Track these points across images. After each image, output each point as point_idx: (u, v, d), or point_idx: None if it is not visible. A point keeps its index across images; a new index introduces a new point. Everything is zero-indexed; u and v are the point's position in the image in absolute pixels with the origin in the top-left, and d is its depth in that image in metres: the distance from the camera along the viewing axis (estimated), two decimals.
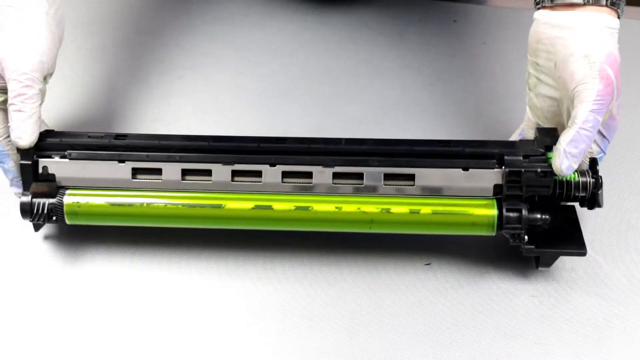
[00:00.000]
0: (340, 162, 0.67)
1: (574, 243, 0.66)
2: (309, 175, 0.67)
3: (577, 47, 0.62)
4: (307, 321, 0.66)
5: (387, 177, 0.67)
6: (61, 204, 0.68)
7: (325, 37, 0.98)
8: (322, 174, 0.67)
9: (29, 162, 0.68)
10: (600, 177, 0.65)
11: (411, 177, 0.66)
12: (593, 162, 0.65)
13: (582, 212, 0.72)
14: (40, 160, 0.68)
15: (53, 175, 0.69)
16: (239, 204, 0.67)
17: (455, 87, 0.90)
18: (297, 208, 0.66)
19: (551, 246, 0.65)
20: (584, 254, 0.65)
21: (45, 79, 0.69)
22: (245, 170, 0.67)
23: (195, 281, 0.70)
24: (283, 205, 0.66)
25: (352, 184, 0.67)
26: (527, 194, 0.64)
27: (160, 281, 0.70)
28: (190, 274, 0.71)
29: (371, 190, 0.67)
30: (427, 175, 0.66)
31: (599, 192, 0.65)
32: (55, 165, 0.69)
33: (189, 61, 0.95)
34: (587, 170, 0.65)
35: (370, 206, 0.66)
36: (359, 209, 0.66)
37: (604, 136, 0.66)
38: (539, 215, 0.65)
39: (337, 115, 0.87)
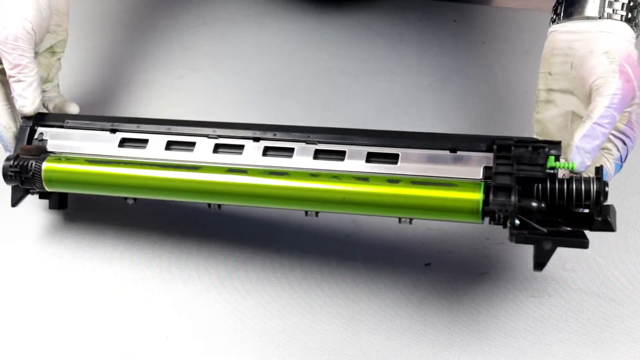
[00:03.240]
0: (323, 138, 0.65)
1: (574, 236, 0.57)
2: (290, 150, 0.65)
3: (597, 45, 0.61)
4: (307, 321, 0.66)
5: (371, 155, 0.64)
6: (39, 168, 0.68)
7: (325, 37, 0.98)
8: (304, 150, 0.65)
9: (28, 125, 0.71)
10: (606, 186, 0.58)
11: (395, 157, 0.63)
12: (598, 171, 0.59)
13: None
14: (39, 128, 0.72)
15: (46, 141, 0.71)
16: (214, 171, 0.65)
17: (455, 87, 0.90)
18: (272, 173, 0.63)
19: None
20: (585, 245, 0.57)
21: (53, 50, 0.75)
22: (227, 144, 0.67)
23: (195, 281, 0.70)
24: (257, 173, 0.64)
25: (335, 159, 0.64)
26: (518, 173, 0.58)
27: (160, 280, 0.70)
28: (191, 274, 0.71)
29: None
30: (411, 155, 0.63)
31: (610, 211, 0.58)
32: (50, 132, 0.71)
33: (189, 61, 0.95)
34: (593, 177, 0.59)
35: (346, 180, 0.62)
36: (334, 178, 0.62)
37: (623, 143, 0.63)
38: (534, 203, 0.56)
39: (337, 115, 0.87)
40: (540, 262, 0.57)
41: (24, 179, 0.69)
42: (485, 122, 0.84)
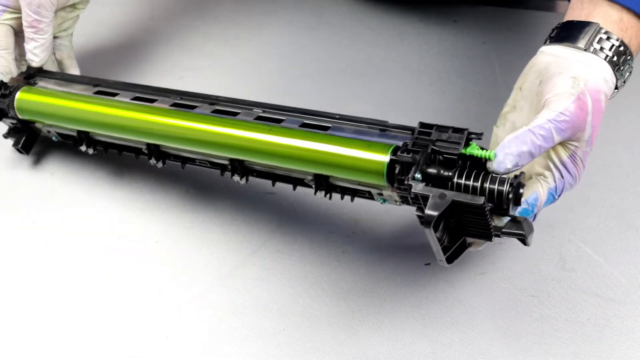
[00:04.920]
0: (267, 107, 0.69)
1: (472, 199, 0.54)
2: (233, 114, 0.69)
3: (569, 69, 0.61)
4: (307, 321, 0.66)
5: (305, 125, 0.66)
6: (14, 95, 0.77)
7: (326, 37, 0.98)
8: (247, 114, 0.69)
9: (28, 72, 0.80)
10: (519, 189, 0.56)
11: (325, 128, 0.65)
12: (518, 176, 0.58)
13: (582, 212, 0.72)
14: (38, 76, 0.80)
15: (37, 83, 0.79)
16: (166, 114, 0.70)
17: (455, 87, 0.90)
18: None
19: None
20: (480, 201, 0.54)
21: (74, 7, 0.82)
22: (183, 104, 0.71)
23: (195, 281, 0.70)
24: (201, 118, 0.68)
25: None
26: (434, 146, 0.58)
27: (160, 280, 0.70)
28: (191, 274, 0.71)
29: None
30: (341, 128, 0.65)
31: (524, 224, 0.57)
32: (43, 81, 0.79)
33: (189, 61, 0.95)
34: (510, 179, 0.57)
35: (261, 129, 0.65)
36: (248, 125, 0.66)
37: (561, 175, 0.61)
38: (442, 170, 0.56)
39: None
40: (429, 217, 0.53)
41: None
42: (485, 123, 0.84)
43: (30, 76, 0.80)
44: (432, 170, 0.57)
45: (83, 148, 0.76)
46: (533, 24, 0.96)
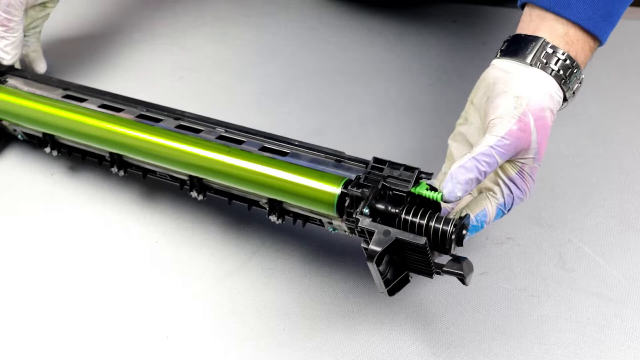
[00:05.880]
0: (230, 127, 0.71)
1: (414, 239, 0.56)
2: (197, 131, 0.70)
3: (513, 87, 0.62)
4: (307, 321, 0.66)
5: (264, 149, 0.67)
6: None
7: (325, 37, 0.98)
8: (209, 132, 0.70)
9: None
10: (463, 230, 0.58)
11: (284, 154, 0.67)
12: (463, 217, 0.59)
13: (582, 212, 0.72)
14: (8, 74, 0.81)
15: (6, 82, 0.80)
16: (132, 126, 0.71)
17: (455, 87, 0.90)
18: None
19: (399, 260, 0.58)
20: (421, 241, 0.56)
21: (44, 5, 0.83)
22: (148, 116, 0.73)
23: (195, 281, 0.70)
24: (164, 134, 0.70)
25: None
26: (385, 182, 0.60)
27: (160, 280, 0.70)
28: (191, 274, 0.71)
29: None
30: (299, 155, 0.66)
31: (464, 264, 0.58)
32: (13, 79, 0.80)
33: (189, 62, 0.95)
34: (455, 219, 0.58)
35: (225, 151, 0.67)
36: (214, 146, 0.67)
37: (509, 191, 0.62)
38: (390, 207, 0.58)
39: (337, 115, 0.87)
40: (372, 252, 0.55)
41: None
42: None
43: (1, 74, 0.81)
44: (380, 206, 0.59)
45: (47, 150, 0.77)
46: None
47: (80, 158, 0.78)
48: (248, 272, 0.71)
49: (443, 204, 0.61)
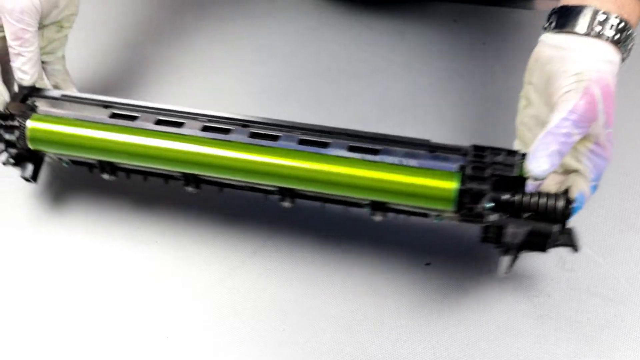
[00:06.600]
0: (308, 131, 0.66)
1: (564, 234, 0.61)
2: (274, 138, 0.66)
3: (571, 65, 0.62)
4: (307, 321, 0.66)
5: (353, 148, 0.64)
6: (24, 124, 0.68)
7: (326, 37, 0.98)
8: (288, 138, 0.65)
9: (23, 93, 0.72)
10: (570, 204, 0.60)
11: (375, 151, 0.64)
12: (566, 190, 0.62)
13: (582, 212, 0.72)
14: (33, 96, 0.72)
15: (37, 107, 0.70)
16: (199, 142, 0.66)
17: (455, 87, 0.90)
18: (256, 149, 0.65)
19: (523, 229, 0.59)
20: (575, 248, 0.61)
21: (61, 25, 0.76)
22: (215, 127, 0.67)
23: (195, 280, 0.70)
24: (241, 148, 0.65)
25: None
26: (491, 169, 0.60)
27: (159, 280, 0.70)
28: (190, 274, 0.71)
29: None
30: (391, 150, 0.64)
31: (571, 232, 0.61)
32: (44, 101, 0.71)
33: (189, 62, 0.95)
34: (560, 194, 0.61)
35: (326, 160, 0.63)
36: (315, 156, 0.63)
37: (593, 163, 0.64)
38: (506, 194, 0.60)
39: (337, 115, 0.87)
40: (512, 245, 0.60)
41: (7, 137, 0.69)
42: (485, 123, 0.84)
43: (25, 98, 0.72)
44: (499, 196, 0.60)
45: (105, 176, 0.71)
46: (533, 24, 0.96)
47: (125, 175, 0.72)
48: (248, 272, 0.71)
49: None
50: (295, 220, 0.74)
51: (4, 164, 0.71)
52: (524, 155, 0.61)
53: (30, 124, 0.68)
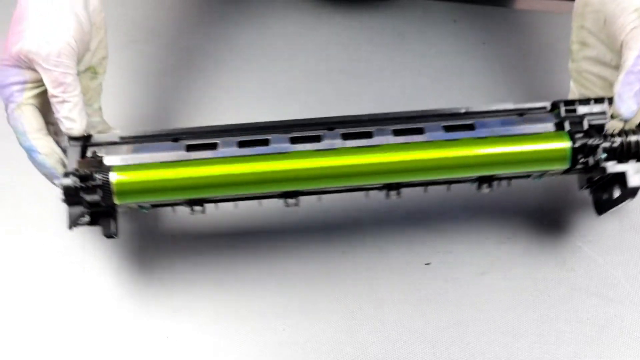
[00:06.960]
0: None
1: None
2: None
3: (628, 2, 0.63)
4: (307, 321, 0.66)
5: (449, 128, 0.64)
6: (107, 179, 0.60)
7: (326, 37, 0.98)
8: (381, 134, 0.64)
9: (78, 145, 0.63)
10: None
11: (471, 127, 0.64)
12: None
13: (582, 212, 0.72)
14: (88, 146, 0.64)
15: (101, 157, 0.63)
16: (298, 156, 0.63)
17: (455, 87, 0.90)
18: (358, 151, 0.62)
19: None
20: None
21: (94, 71, 0.70)
22: (304, 137, 0.64)
23: (195, 281, 0.70)
24: (342, 152, 0.62)
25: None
26: (587, 121, 0.62)
27: (159, 280, 0.70)
28: (190, 274, 0.71)
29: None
30: (486, 122, 0.64)
31: None
32: (106, 148, 0.64)
33: (188, 62, 0.95)
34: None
35: (432, 146, 0.62)
36: (418, 145, 0.62)
37: None
38: (619, 141, 0.62)
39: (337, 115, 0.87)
40: (634, 189, 0.61)
41: (90, 193, 0.61)
42: None
43: (84, 150, 0.64)
44: (611, 144, 0.61)
45: (198, 208, 0.66)
46: (533, 24, 0.96)
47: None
48: (248, 272, 0.70)
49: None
50: (295, 220, 0.75)
51: (88, 224, 0.64)
52: (610, 100, 0.62)
53: (114, 178, 0.60)
